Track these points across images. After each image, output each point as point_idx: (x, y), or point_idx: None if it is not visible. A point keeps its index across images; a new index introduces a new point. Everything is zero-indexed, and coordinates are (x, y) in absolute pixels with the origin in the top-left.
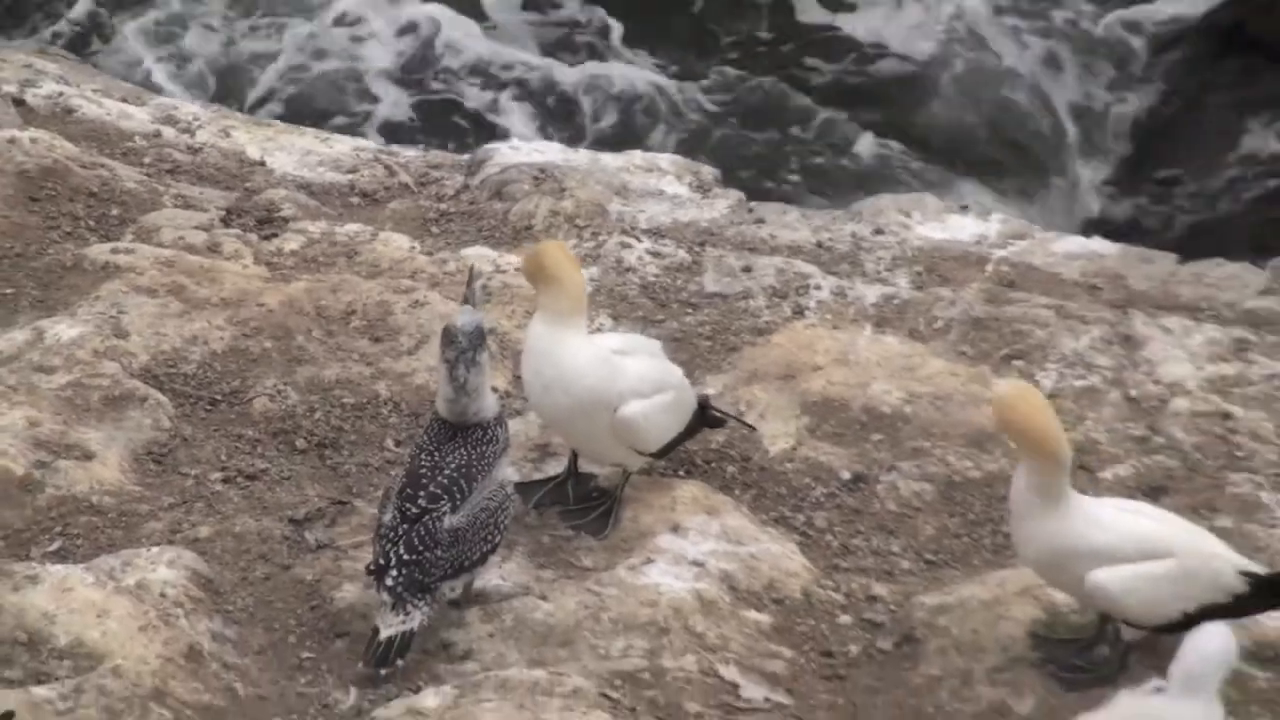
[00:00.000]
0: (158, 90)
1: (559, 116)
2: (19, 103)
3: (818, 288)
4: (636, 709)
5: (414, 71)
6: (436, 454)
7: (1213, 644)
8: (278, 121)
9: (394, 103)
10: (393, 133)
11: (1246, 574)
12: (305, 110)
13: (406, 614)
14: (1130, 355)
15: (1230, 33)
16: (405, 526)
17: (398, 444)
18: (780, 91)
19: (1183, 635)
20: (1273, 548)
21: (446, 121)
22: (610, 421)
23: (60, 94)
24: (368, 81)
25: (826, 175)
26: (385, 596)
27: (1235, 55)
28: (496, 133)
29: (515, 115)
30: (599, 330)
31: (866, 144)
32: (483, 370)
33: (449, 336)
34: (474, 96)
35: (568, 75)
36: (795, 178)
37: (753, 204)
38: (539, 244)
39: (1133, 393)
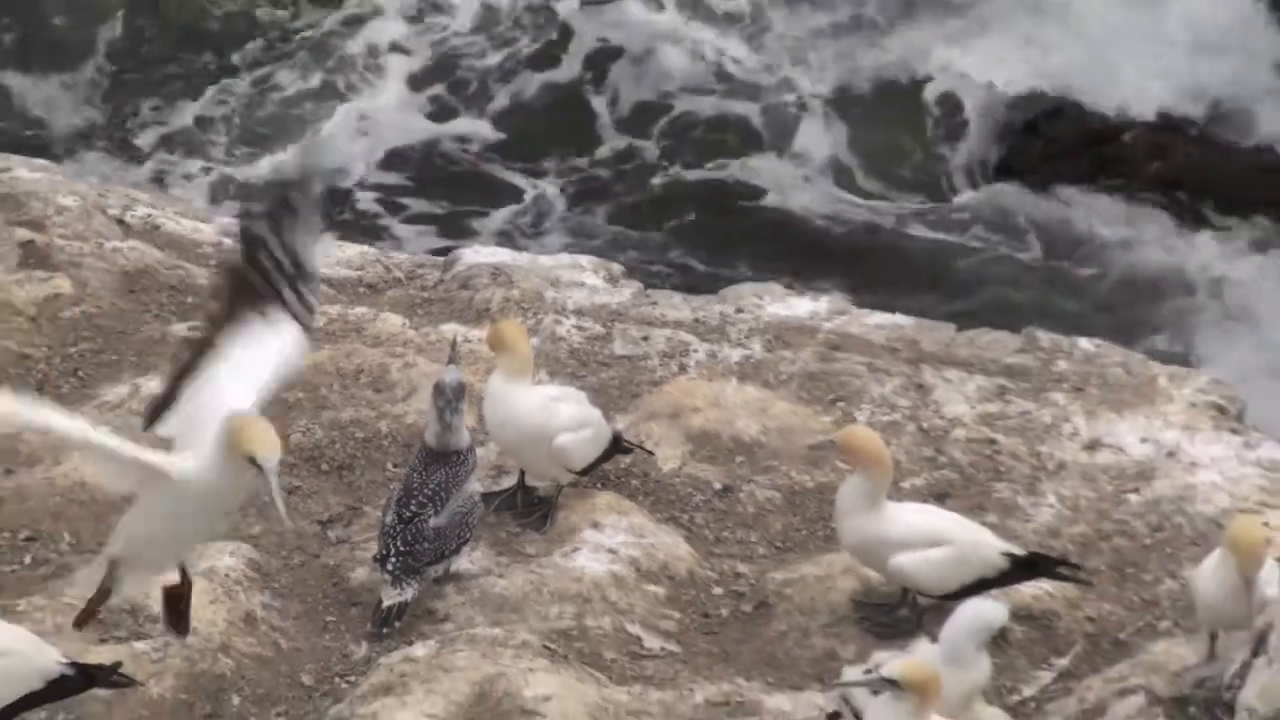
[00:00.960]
0: (222, 213)
1: (513, 225)
2: (121, 222)
3: (695, 351)
4: (568, 656)
5: (403, 187)
6: (425, 473)
7: (965, 617)
8: None
9: (387, 214)
10: (384, 235)
11: (1007, 554)
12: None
13: (402, 589)
14: (922, 398)
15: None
16: (401, 526)
17: (395, 466)
18: (665, 199)
19: (961, 601)
20: (1026, 537)
21: (429, 228)
22: (548, 449)
23: (149, 215)
24: (360, 196)
25: (701, 267)
26: (386, 577)
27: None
28: (465, 235)
29: (479, 223)
30: (540, 383)
31: (731, 243)
32: (461, 413)
33: (439, 389)
34: (449, 209)
35: (518, 191)
36: (680, 269)
37: (649, 291)
38: (498, 322)
39: (924, 425)
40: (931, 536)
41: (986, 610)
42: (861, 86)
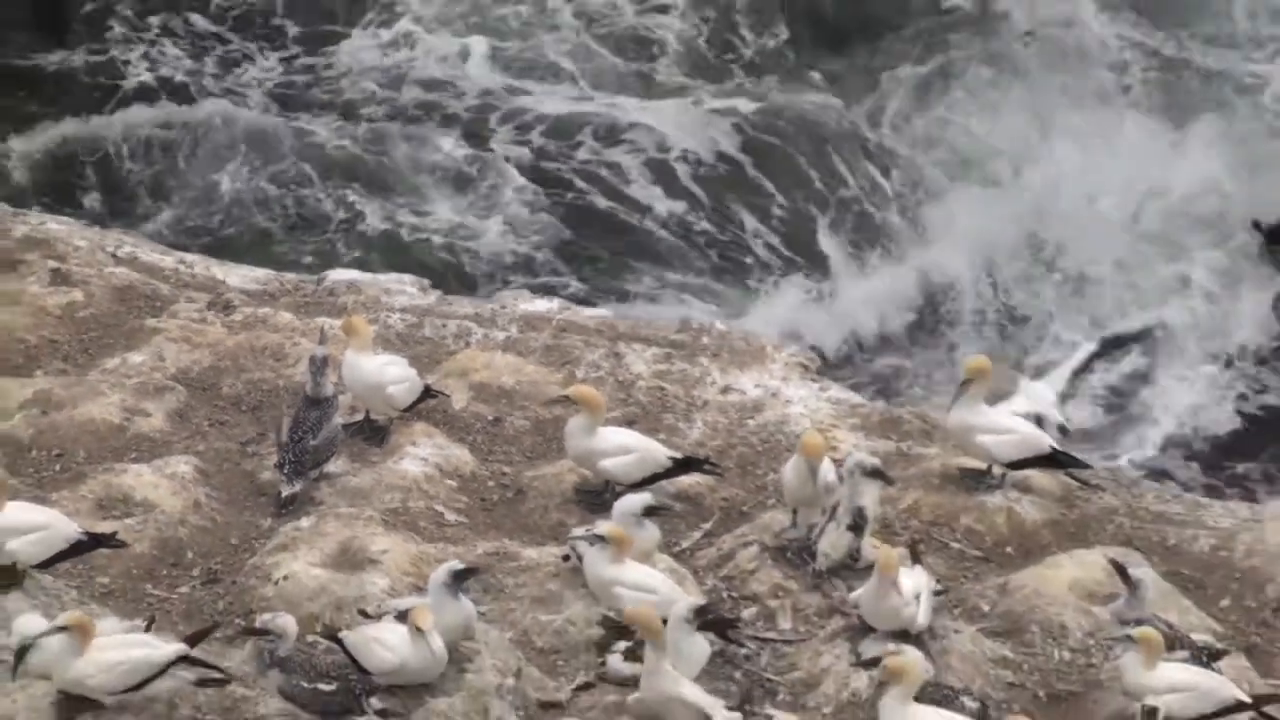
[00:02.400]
0: (179, 248)
1: (363, 248)
2: (114, 256)
3: (475, 333)
4: (397, 525)
5: (295, 225)
6: (305, 412)
7: (625, 502)
8: (229, 261)
9: (281, 243)
10: (281, 260)
11: (671, 458)
12: (243, 251)
13: (293, 485)
14: (618, 362)
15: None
16: (292, 445)
17: (288, 407)
18: (452, 235)
19: (644, 489)
20: (684, 447)
21: (307, 253)
22: (383, 395)
23: (131, 250)
24: (276, 233)
25: (482, 278)
26: (283, 477)
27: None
28: (334, 260)
29: (342, 246)
30: (377, 354)
31: (498, 247)
32: (327, 374)
33: (312, 359)
34: (322, 239)
35: (372, 221)
36: (465, 274)
37: (448, 296)
38: (351, 316)
39: (619, 378)
40: (625, 448)
41: (635, 500)
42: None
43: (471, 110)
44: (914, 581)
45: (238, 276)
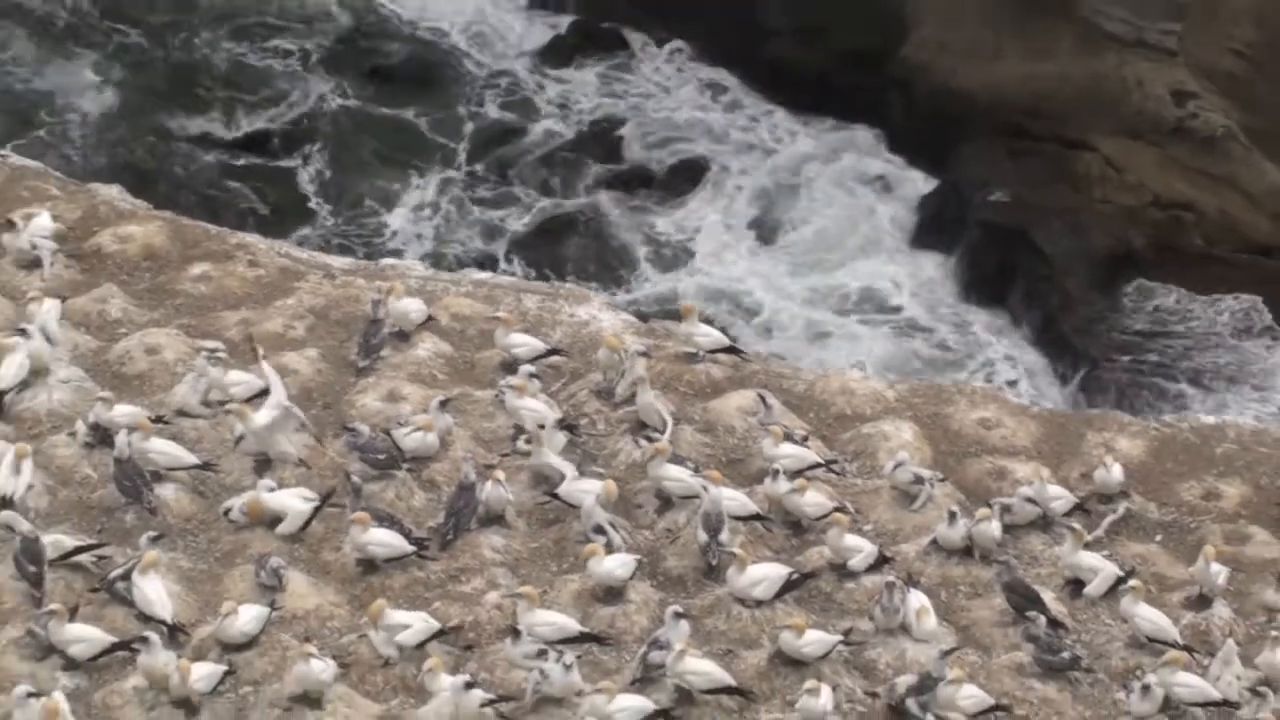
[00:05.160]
0: (306, 247)
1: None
2: (278, 253)
3: (451, 289)
4: (415, 380)
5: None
6: (370, 325)
7: (524, 371)
8: (334, 254)
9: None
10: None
11: (549, 348)
12: (338, 249)
13: (364, 361)
14: (519, 301)
15: None
16: (363, 341)
17: (362, 325)
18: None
19: None
20: (552, 341)
21: (367, 245)
22: (409, 319)
23: (287, 250)
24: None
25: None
26: (359, 357)
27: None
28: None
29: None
30: (406, 298)
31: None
32: (379, 308)
33: (373, 301)
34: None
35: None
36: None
37: (443, 272)
38: (395, 283)
39: (520, 309)
40: (525, 343)
41: (527, 367)
42: None
43: None
44: (662, 405)
45: (338, 262)
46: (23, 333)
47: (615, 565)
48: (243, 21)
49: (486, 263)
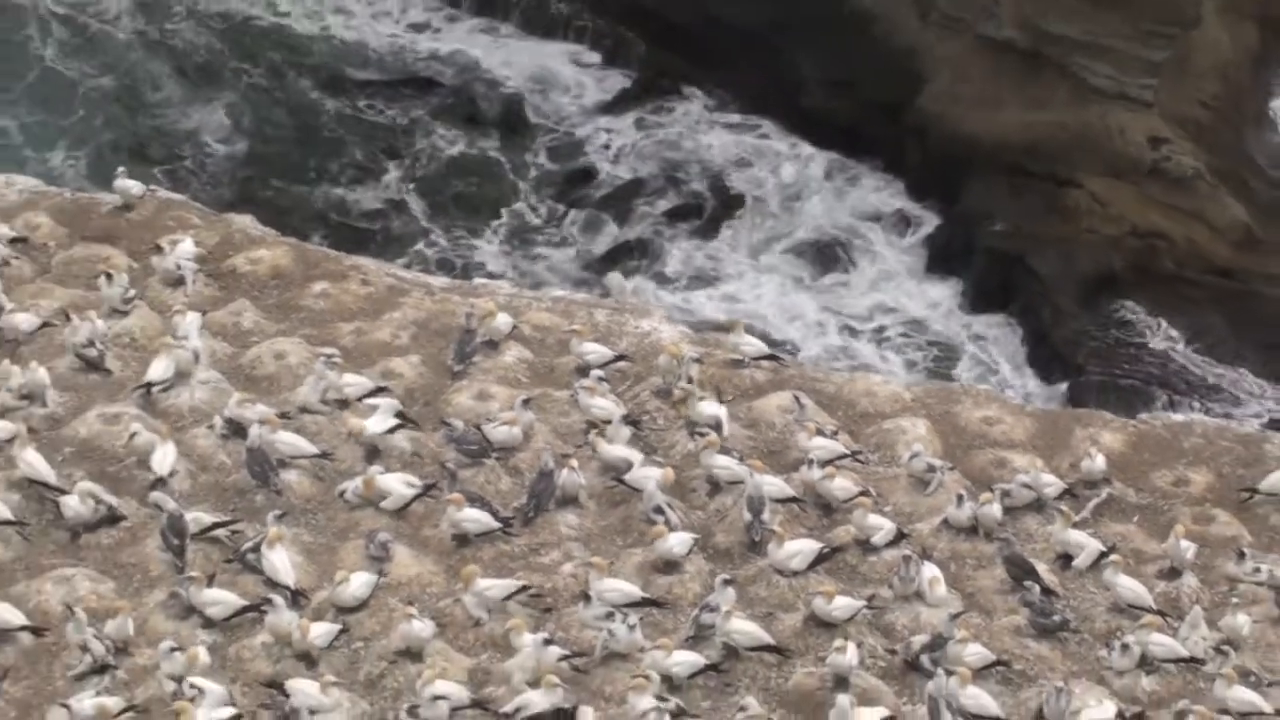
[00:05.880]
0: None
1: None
2: (385, 274)
3: (534, 304)
4: (503, 382)
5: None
6: (463, 335)
7: (592, 376)
8: (435, 272)
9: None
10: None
11: (617, 354)
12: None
13: (459, 366)
14: (590, 316)
15: None
16: (458, 348)
17: (456, 335)
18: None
19: None
20: (619, 348)
21: (461, 261)
22: (496, 329)
23: (393, 271)
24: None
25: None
26: (453, 362)
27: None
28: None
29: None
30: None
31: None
32: (472, 318)
33: (467, 314)
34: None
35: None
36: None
37: (526, 290)
38: (486, 301)
39: (591, 322)
40: (596, 350)
41: (596, 371)
42: None
43: None
44: (716, 409)
45: (437, 281)
46: (180, 341)
47: (675, 544)
48: (351, 72)
49: (564, 282)
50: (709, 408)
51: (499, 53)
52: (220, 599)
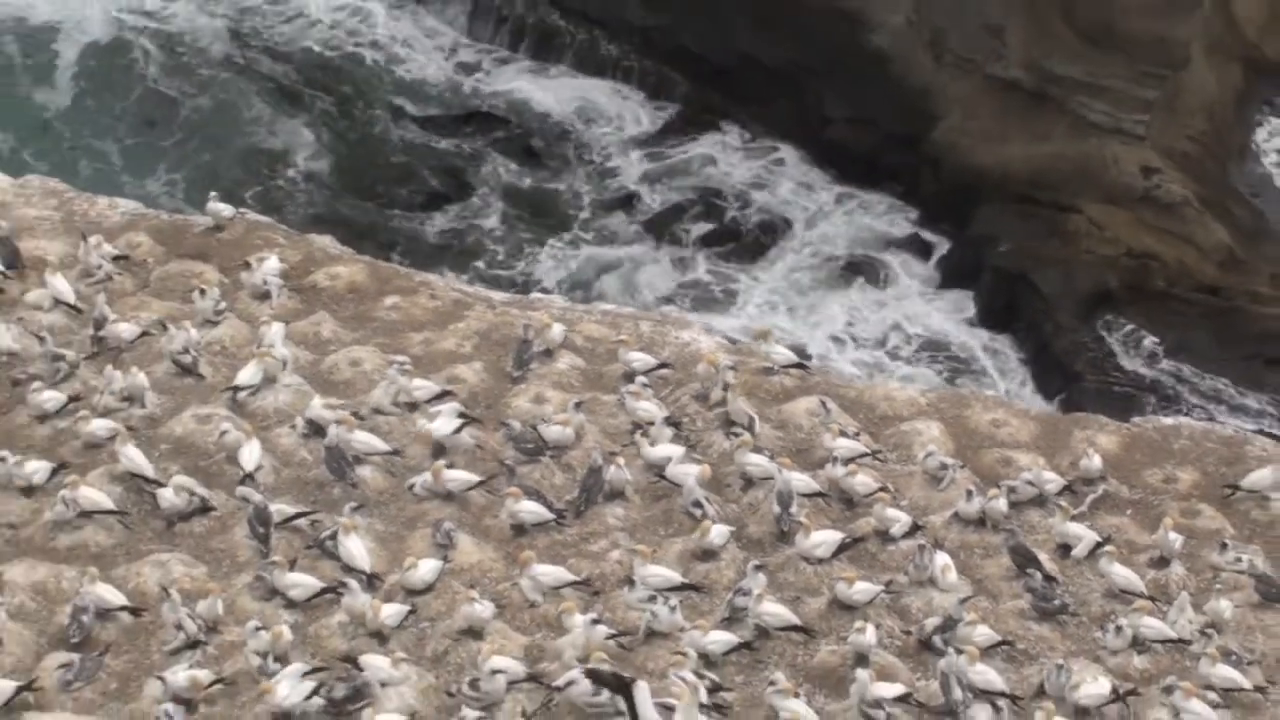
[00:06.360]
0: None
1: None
2: (451, 288)
3: (585, 316)
4: (558, 386)
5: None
6: (521, 345)
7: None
8: (492, 287)
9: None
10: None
11: (660, 362)
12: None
13: (517, 372)
14: (636, 326)
15: None
16: (518, 355)
17: (514, 345)
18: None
19: None
20: (664, 356)
21: (522, 276)
22: (550, 337)
23: (458, 286)
24: (521, 277)
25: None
26: (513, 369)
27: None
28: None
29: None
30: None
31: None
32: (529, 330)
33: (526, 325)
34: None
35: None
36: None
37: (579, 304)
38: (543, 314)
39: (637, 333)
40: (641, 358)
41: (643, 373)
42: None
43: None
44: (742, 406)
45: (498, 295)
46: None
47: (715, 536)
48: (416, 107)
49: (611, 296)
50: (745, 406)
51: (551, 90)
52: (301, 582)
